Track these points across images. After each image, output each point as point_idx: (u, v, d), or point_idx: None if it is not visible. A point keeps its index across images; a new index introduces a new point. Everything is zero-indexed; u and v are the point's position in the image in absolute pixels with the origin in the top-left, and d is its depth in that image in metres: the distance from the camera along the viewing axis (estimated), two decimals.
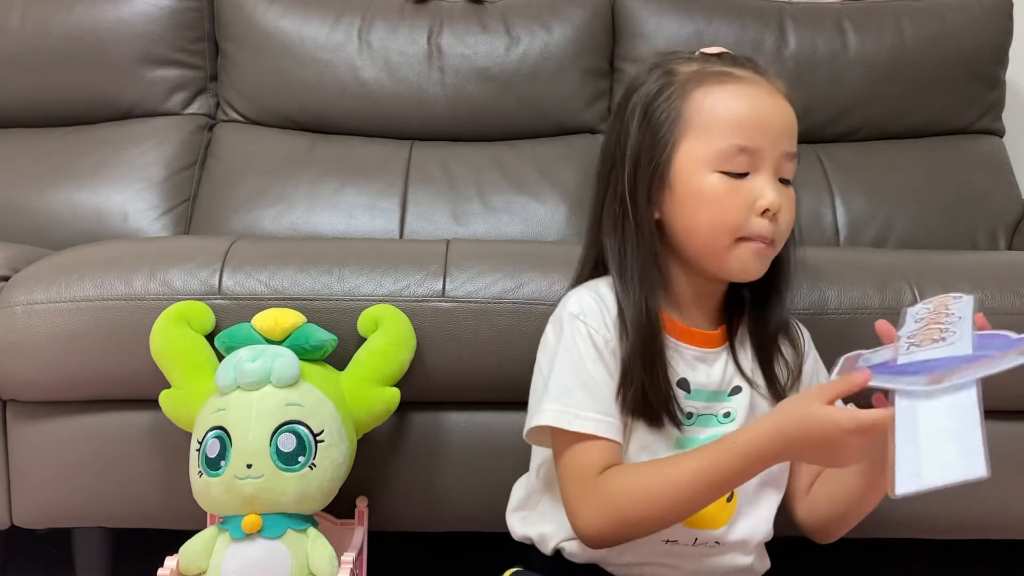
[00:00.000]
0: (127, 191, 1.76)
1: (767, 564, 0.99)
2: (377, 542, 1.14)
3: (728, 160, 0.89)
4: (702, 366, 0.94)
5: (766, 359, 0.96)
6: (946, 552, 1.40)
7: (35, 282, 1.14)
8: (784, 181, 0.92)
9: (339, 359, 1.09)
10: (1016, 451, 1.19)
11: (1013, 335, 0.76)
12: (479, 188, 1.79)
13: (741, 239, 0.89)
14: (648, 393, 0.89)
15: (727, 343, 0.96)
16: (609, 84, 1.90)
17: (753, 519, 0.95)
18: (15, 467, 1.18)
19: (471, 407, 1.17)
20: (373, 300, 1.12)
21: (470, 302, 1.12)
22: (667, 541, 0.92)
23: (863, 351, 0.84)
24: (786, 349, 0.98)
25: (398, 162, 1.81)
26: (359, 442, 1.08)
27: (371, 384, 1.07)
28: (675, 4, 1.88)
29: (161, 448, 1.14)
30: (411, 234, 1.74)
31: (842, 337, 1.12)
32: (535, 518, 0.99)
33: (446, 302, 1.12)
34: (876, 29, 1.88)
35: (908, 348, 0.79)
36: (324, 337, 1.06)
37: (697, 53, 0.95)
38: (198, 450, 1.00)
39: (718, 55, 0.94)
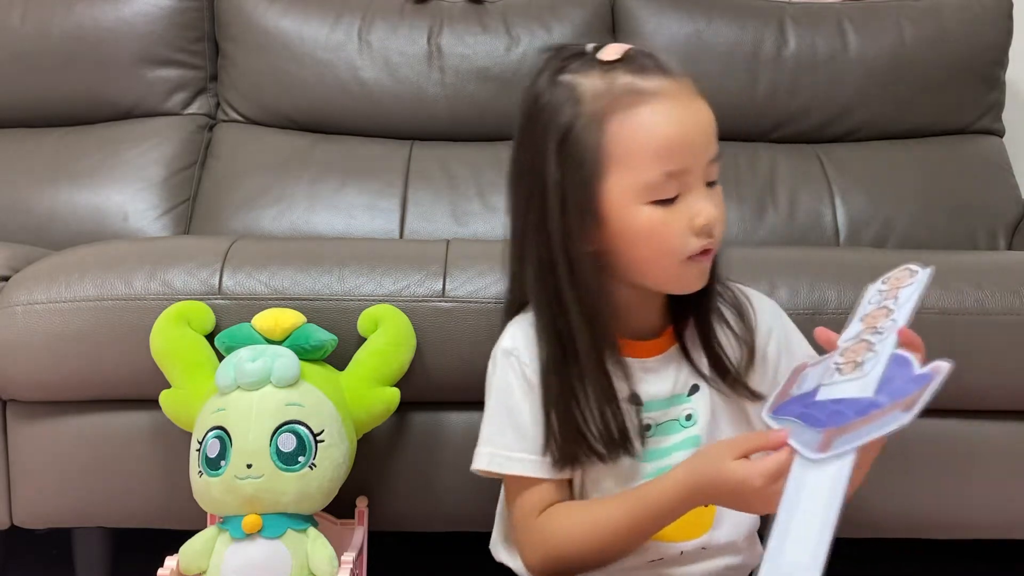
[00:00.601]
0: (127, 191, 1.76)
1: (760, 553, 0.99)
2: (377, 542, 1.14)
3: (657, 190, 0.84)
4: (651, 376, 0.92)
5: (713, 351, 0.93)
6: (946, 552, 1.40)
7: (35, 282, 1.14)
8: (711, 183, 0.87)
9: (339, 359, 1.09)
10: (1016, 451, 1.19)
11: (916, 367, 0.72)
12: (479, 188, 1.79)
13: (685, 259, 0.86)
14: (590, 440, 0.88)
15: (676, 343, 0.94)
16: None
17: (736, 518, 0.94)
18: (15, 467, 1.18)
19: (471, 407, 1.16)
20: (373, 300, 1.11)
21: (470, 302, 1.12)
22: (652, 561, 0.92)
23: (809, 362, 0.82)
24: (735, 324, 0.94)
25: (398, 162, 1.81)
26: (359, 442, 1.08)
27: (371, 384, 1.07)
28: (675, 4, 1.89)
29: (161, 448, 1.14)
30: (411, 234, 1.74)
31: None
32: (514, 552, 0.98)
33: (446, 302, 1.12)
34: (876, 29, 1.88)
35: (832, 374, 0.77)
36: (324, 337, 1.06)
37: (590, 49, 0.88)
38: (198, 450, 1.00)
39: (620, 59, 0.86)
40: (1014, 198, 1.86)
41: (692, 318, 0.94)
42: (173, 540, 1.01)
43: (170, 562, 0.98)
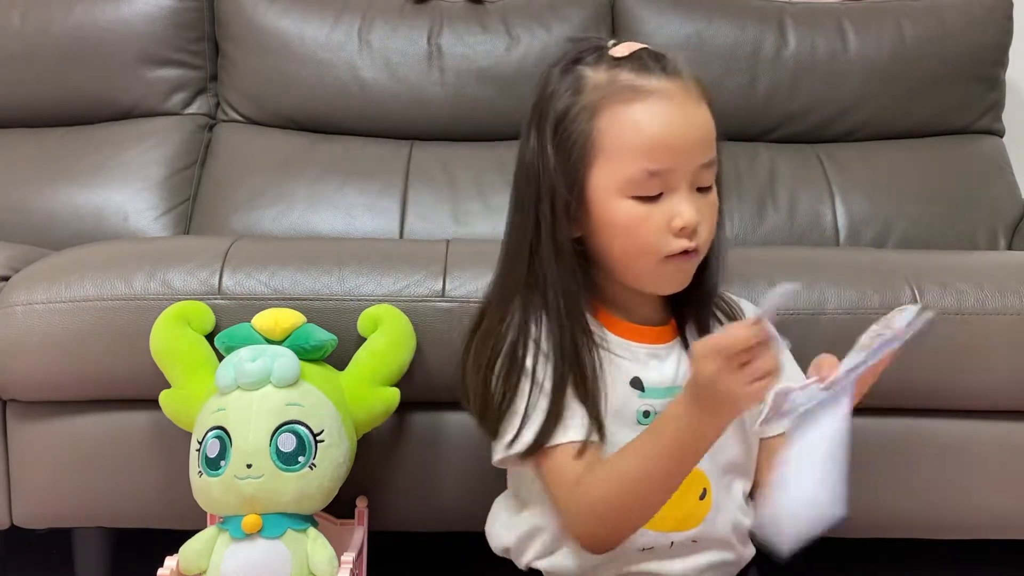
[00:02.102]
0: (127, 191, 1.76)
1: (751, 551, 0.99)
2: (377, 542, 1.14)
3: (639, 186, 0.86)
4: (654, 362, 0.93)
5: None
6: (946, 552, 1.40)
7: (35, 282, 1.14)
8: (703, 188, 0.89)
9: (339, 359, 1.09)
10: (1016, 451, 1.19)
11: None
12: (479, 188, 1.79)
13: (664, 258, 0.87)
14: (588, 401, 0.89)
15: (678, 336, 0.95)
16: None
17: (728, 513, 0.94)
18: (15, 467, 1.18)
19: None
20: (373, 300, 1.12)
21: (470, 302, 1.12)
22: (643, 549, 0.92)
23: (794, 386, 0.81)
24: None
25: (398, 162, 1.81)
26: (359, 442, 1.08)
27: (371, 384, 1.07)
28: (675, 4, 1.89)
29: (161, 448, 1.14)
30: (411, 234, 1.74)
31: (842, 337, 1.12)
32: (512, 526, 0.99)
33: (446, 302, 1.12)
34: (876, 29, 1.88)
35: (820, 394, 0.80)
36: (324, 337, 1.06)
37: (609, 44, 0.91)
38: (198, 450, 1.00)
39: (628, 56, 0.89)
40: (1014, 198, 1.86)
41: (692, 319, 0.95)
42: (173, 540, 1.01)
43: (170, 562, 0.98)
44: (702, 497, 0.92)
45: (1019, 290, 1.15)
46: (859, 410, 1.16)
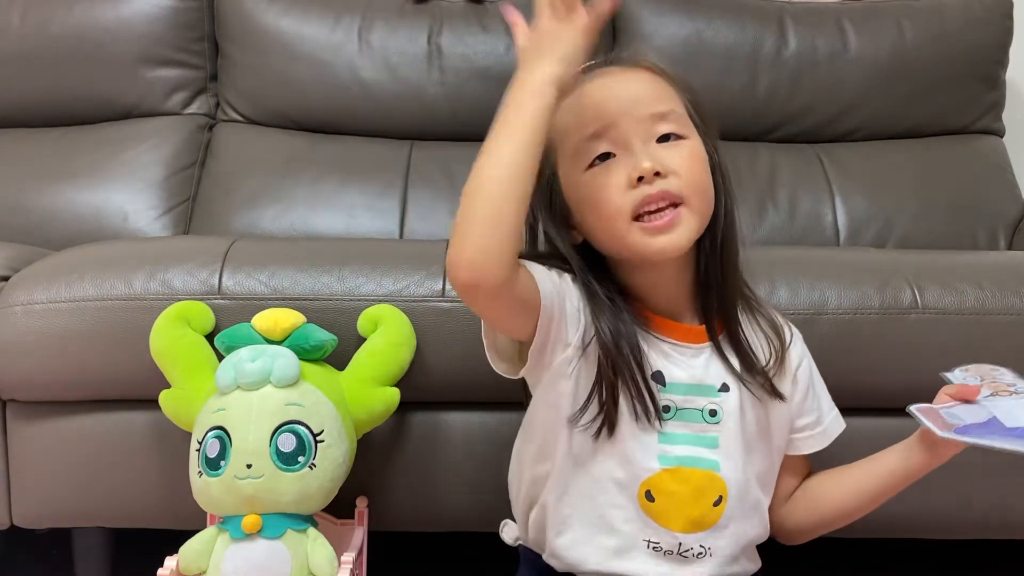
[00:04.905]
0: (127, 191, 1.76)
1: (757, 564, 0.99)
2: (377, 542, 1.14)
3: (587, 152, 0.88)
4: (679, 357, 0.92)
5: (742, 351, 0.93)
6: (946, 552, 1.40)
7: (35, 282, 1.14)
8: (673, 137, 0.88)
9: (339, 359, 1.09)
10: None
11: None
12: None
13: (635, 219, 0.86)
14: (620, 392, 0.89)
15: (711, 342, 0.93)
16: None
17: (743, 524, 0.94)
18: (15, 467, 1.18)
19: (471, 407, 1.17)
20: (373, 300, 1.12)
21: None
22: (649, 544, 0.92)
23: (938, 406, 0.90)
24: (768, 332, 0.96)
25: (398, 162, 1.81)
26: (359, 442, 1.08)
27: (371, 384, 1.07)
28: (675, 4, 1.89)
29: (161, 448, 1.14)
30: (411, 234, 1.74)
31: (842, 337, 1.12)
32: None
33: (446, 302, 1.12)
34: (876, 29, 1.88)
35: (991, 399, 0.84)
36: (324, 337, 1.06)
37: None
38: (198, 450, 1.00)
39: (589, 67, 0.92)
40: (1014, 198, 1.86)
41: (718, 316, 0.94)
42: (173, 540, 1.01)
43: (170, 562, 0.98)
44: (717, 503, 0.92)
45: (1019, 290, 1.15)
46: (859, 410, 1.17)
